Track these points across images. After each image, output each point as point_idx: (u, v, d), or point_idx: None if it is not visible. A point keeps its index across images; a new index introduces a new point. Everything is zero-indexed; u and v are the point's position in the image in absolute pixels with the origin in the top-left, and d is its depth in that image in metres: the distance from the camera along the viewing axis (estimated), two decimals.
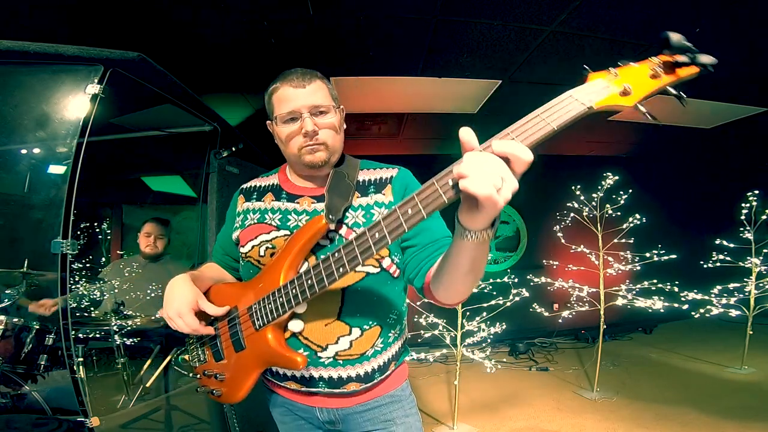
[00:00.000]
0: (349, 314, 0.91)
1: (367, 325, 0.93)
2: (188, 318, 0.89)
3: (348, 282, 0.90)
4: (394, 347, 0.99)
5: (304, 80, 0.90)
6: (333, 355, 0.90)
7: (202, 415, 2.22)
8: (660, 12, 2.03)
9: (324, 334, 0.90)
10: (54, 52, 1.47)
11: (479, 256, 0.70)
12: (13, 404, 1.62)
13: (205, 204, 2.16)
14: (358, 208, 0.93)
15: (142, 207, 4.01)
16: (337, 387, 0.92)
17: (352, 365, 0.91)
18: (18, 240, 2.25)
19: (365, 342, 0.92)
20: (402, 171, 1.00)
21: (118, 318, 2.18)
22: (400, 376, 1.02)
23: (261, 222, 0.99)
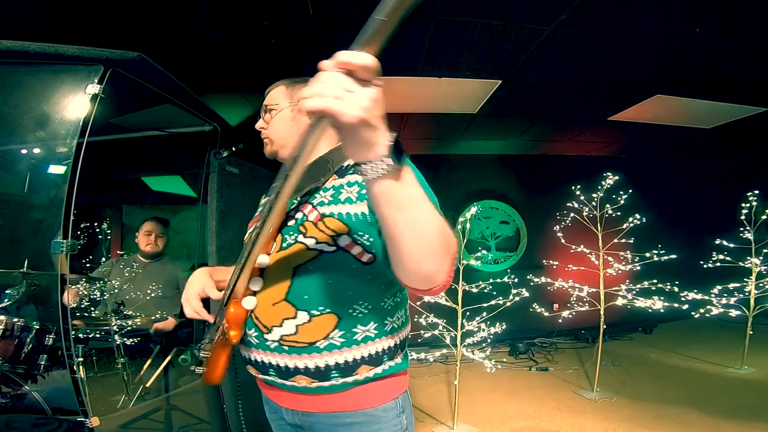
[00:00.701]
0: (295, 295, 0.83)
1: (317, 311, 0.82)
2: (193, 302, 0.94)
3: (301, 260, 0.84)
4: (366, 348, 0.84)
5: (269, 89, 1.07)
6: (278, 339, 0.84)
7: (202, 415, 2.22)
8: (660, 12, 2.03)
9: (270, 314, 0.85)
10: (54, 52, 1.47)
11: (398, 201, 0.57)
12: (13, 404, 1.62)
13: (205, 204, 2.16)
14: (330, 188, 0.87)
15: (142, 207, 4.01)
16: (286, 378, 0.85)
17: (298, 354, 0.83)
18: (18, 240, 2.25)
19: (314, 330, 0.82)
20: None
21: (118, 318, 2.18)
22: (380, 392, 0.87)
23: (257, 214, 1.07)
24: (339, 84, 0.50)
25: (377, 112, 0.51)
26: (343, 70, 0.50)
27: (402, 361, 0.91)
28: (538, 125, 3.84)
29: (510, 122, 3.77)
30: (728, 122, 3.72)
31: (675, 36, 2.26)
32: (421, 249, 0.61)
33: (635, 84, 2.91)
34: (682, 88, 2.97)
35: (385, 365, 0.87)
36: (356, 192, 0.82)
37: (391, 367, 0.88)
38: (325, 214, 0.83)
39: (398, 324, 0.90)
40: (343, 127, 0.51)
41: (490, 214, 4.90)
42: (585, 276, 3.68)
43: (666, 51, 2.43)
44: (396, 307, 0.90)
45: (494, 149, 4.73)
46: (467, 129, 3.91)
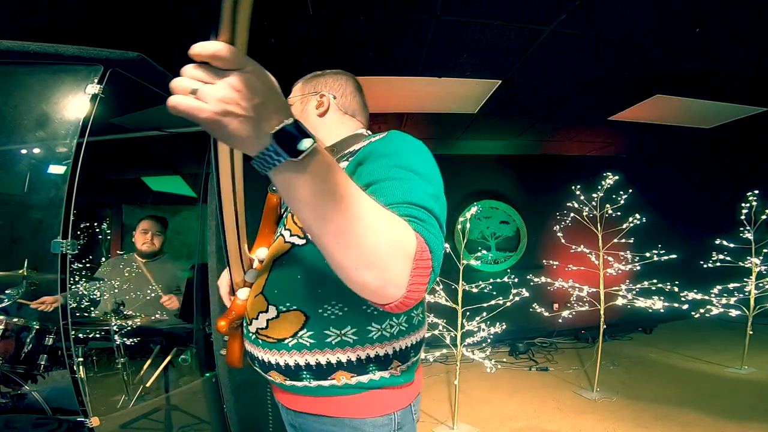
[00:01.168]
0: (269, 288, 0.81)
1: (284, 306, 0.78)
2: (222, 289, 0.96)
3: (278, 253, 0.83)
4: (343, 354, 0.76)
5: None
6: (255, 332, 0.83)
7: (202, 415, 2.22)
8: (660, 12, 2.03)
9: (252, 306, 0.84)
10: (54, 52, 1.47)
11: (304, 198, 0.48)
12: (13, 404, 1.62)
13: (204, 204, 2.16)
14: None
15: (142, 207, 4.01)
16: (265, 372, 0.85)
17: (270, 349, 0.80)
18: (18, 240, 2.25)
19: (282, 326, 0.78)
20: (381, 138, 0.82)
21: (118, 318, 2.18)
22: (371, 403, 0.79)
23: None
24: (193, 78, 0.44)
25: (246, 101, 0.44)
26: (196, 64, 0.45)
27: (401, 374, 0.81)
28: (538, 125, 3.84)
29: (510, 122, 3.77)
30: (728, 122, 3.71)
31: (675, 36, 2.26)
32: (349, 257, 0.51)
33: (635, 84, 2.91)
34: (682, 88, 2.97)
35: (373, 375, 0.78)
36: None
37: (383, 378, 0.79)
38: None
39: (391, 333, 0.80)
40: (205, 124, 0.44)
41: (490, 214, 4.90)
42: (585, 276, 3.68)
43: (666, 51, 2.42)
44: (386, 314, 0.78)
45: (494, 149, 4.73)
46: (467, 129, 3.91)
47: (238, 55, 0.45)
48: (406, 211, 0.60)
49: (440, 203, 0.68)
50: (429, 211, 0.62)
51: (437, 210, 0.64)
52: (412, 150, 0.78)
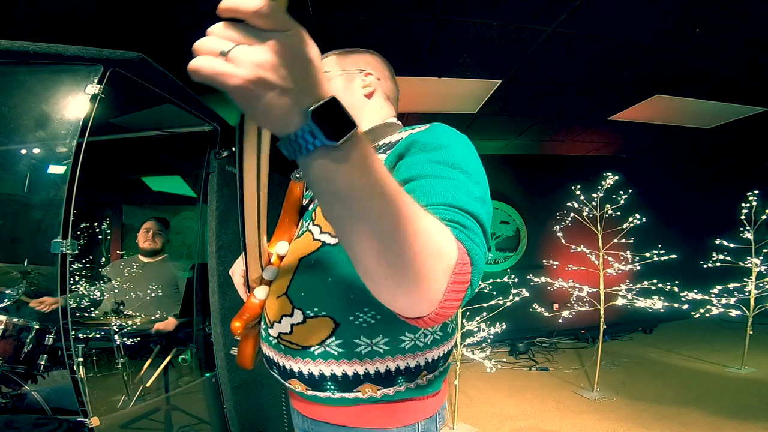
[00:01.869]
0: (294, 291, 0.73)
1: (311, 312, 0.71)
2: (236, 278, 0.88)
3: (306, 251, 0.74)
4: (372, 365, 0.69)
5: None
6: (276, 336, 0.75)
7: (202, 415, 2.22)
8: (660, 12, 2.03)
9: (274, 308, 0.76)
10: (54, 52, 1.47)
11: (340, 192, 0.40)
12: (13, 404, 1.62)
13: (205, 204, 2.16)
14: None
15: (142, 207, 4.01)
16: (285, 379, 0.77)
17: (293, 357, 0.73)
18: (18, 240, 2.25)
19: (308, 333, 0.71)
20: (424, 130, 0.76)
21: (118, 318, 2.18)
22: (396, 414, 0.73)
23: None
24: (224, 38, 0.38)
25: (287, 69, 0.36)
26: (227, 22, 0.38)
27: (429, 384, 0.74)
28: (538, 125, 3.84)
29: (510, 122, 3.77)
30: (728, 122, 3.72)
31: (675, 36, 2.27)
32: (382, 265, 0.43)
33: (635, 84, 2.91)
34: (682, 88, 2.97)
35: (400, 387, 0.71)
36: None
37: (409, 389, 0.72)
38: None
39: (425, 342, 0.72)
40: (235, 93, 0.37)
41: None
42: (585, 276, 3.68)
43: (666, 51, 2.43)
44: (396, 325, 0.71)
45: (494, 149, 4.73)
46: (467, 129, 3.91)
47: (282, 13, 0.36)
48: (449, 215, 0.53)
49: (487, 208, 0.60)
50: (474, 216, 0.55)
51: (483, 216, 0.56)
52: (459, 145, 0.70)
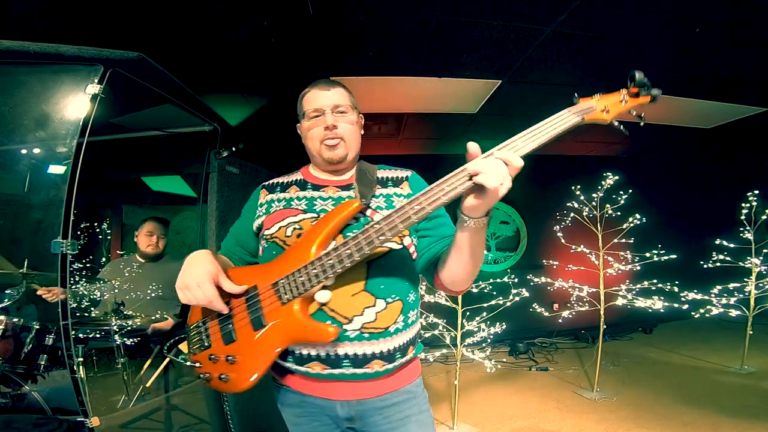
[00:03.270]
0: (374, 285, 0.94)
1: (390, 298, 0.96)
2: (207, 288, 0.91)
3: (373, 255, 0.95)
4: (412, 330, 1.01)
5: (329, 86, 1.08)
6: (359, 328, 0.92)
7: (202, 415, 2.22)
8: (660, 12, 2.03)
9: (350, 305, 0.92)
10: (54, 52, 1.47)
11: (478, 242, 0.87)
12: (13, 404, 1.62)
13: (205, 204, 2.16)
14: (380, 196, 1.04)
15: (142, 207, 4.01)
16: (362, 365, 0.92)
17: (376, 339, 0.93)
18: (18, 240, 2.25)
19: (388, 316, 0.95)
20: (414, 173, 1.14)
21: (118, 318, 2.18)
22: (414, 370, 1.04)
23: (287, 207, 1.06)
24: (503, 172, 0.77)
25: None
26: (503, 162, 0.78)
27: (420, 343, 1.08)
28: None
29: (510, 122, 3.77)
30: (728, 122, 3.72)
31: (675, 36, 2.27)
32: (473, 272, 0.94)
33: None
34: (682, 88, 2.97)
35: (415, 346, 1.04)
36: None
37: (417, 347, 1.05)
38: None
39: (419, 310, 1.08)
40: (490, 198, 0.78)
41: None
42: (585, 276, 3.68)
43: (666, 51, 2.43)
44: (419, 295, 1.08)
45: None
46: (467, 129, 3.91)
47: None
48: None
49: None
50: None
51: None
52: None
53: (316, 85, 1.10)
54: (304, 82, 1.11)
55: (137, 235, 2.64)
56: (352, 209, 0.94)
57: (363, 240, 0.84)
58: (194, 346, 0.99)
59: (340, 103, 1.06)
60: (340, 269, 0.85)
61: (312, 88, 1.10)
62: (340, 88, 1.10)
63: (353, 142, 1.08)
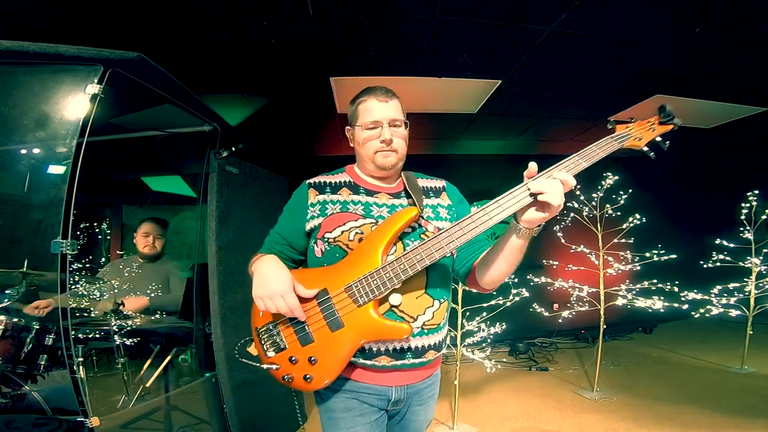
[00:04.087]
0: (432, 288, 1.06)
1: (443, 298, 1.09)
2: (291, 298, 0.96)
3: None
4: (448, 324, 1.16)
5: (387, 97, 1.13)
6: (421, 325, 1.04)
7: (202, 415, 2.22)
8: (660, 12, 2.03)
9: (416, 306, 1.03)
10: (54, 52, 1.47)
11: (523, 250, 1.00)
12: (13, 404, 1.62)
13: (204, 204, 2.16)
14: (427, 206, 1.14)
15: (142, 207, 4.01)
16: (420, 356, 1.05)
17: (432, 334, 1.06)
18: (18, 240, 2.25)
19: (440, 313, 1.08)
20: (449, 183, 1.26)
21: (118, 318, 2.18)
22: (438, 359, 1.17)
23: (345, 211, 1.10)
24: (561, 191, 0.92)
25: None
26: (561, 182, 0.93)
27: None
28: (538, 125, 3.84)
29: (510, 122, 3.77)
30: (728, 122, 3.71)
31: (675, 36, 2.26)
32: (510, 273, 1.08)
33: (635, 84, 2.91)
34: (682, 88, 2.97)
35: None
36: (446, 213, 1.17)
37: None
38: (441, 229, 1.04)
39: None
40: (552, 212, 0.92)
41: None
42: (585, 276, 3.68)
43: (666, 51, 2.43)
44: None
45: (494, 149, 4.73)
46: (467, 129, 3.91)
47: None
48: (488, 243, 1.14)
49: None
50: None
51: None
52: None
53: (374, 93, 1.13)
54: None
55: (135, 236, 2.64)
56: (411, 217, 1.03)
57: (425, 251, 0.95)
58: (269, 349, 1.03)
59: (397, 118, 1.11)
60: (408, 275, 0.95)
61: (370, 96, 1.13)
62: (397, 101, 1.14)
63: (403, 154, 1.15)
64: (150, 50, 1.61)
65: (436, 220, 1.13)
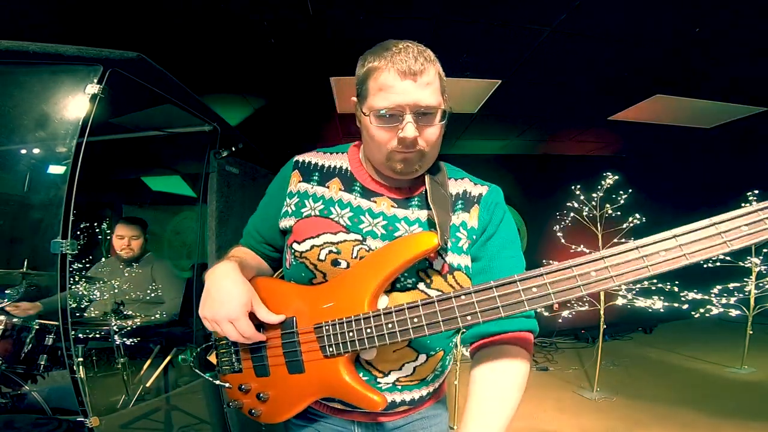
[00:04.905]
0: (419, 340, 0.78)
1: (434, 351, 0.81)
2: (242, 324, 0.73)
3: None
4: (448, 368, 0.91)
5: (416, 65, 0.69)
6: (393, 381, 0.79)
7: (202, 415, 2.21)
8: (660, 12, 2.03)
9: (390, 360, 0.78)
10: (54, 52, 1.47)
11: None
12: (13, 404, 1.62)
13: (204, 204, 2.16)
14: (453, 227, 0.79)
15: (142, 207, 4.01)
16: (387, 410, 0.80)
17: (409, 390, 0.81)
18: (18, 240, 2.25)
19: (428, 368, 0.82)
20: (493, 189, 0.85)
21: (118, 318, 2.18)
22: (441, 390, 0.92)
23: (325, 216, 0.80)
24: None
25: None
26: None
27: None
28: (538, 125, 3.84)
29: (510, 122, 3.77)
30: (728, 122, 3.71)
31: (675, 36, 2.26)
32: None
33: (635, 84, 2.91)
34: (682, 88, 2.97)
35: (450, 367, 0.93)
36: (466, 242, 0.79)
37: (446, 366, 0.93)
38: (453, 267, 0.77)
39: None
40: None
41: None
42: None
43: (666, 51, 2.42)
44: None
45: (494, 149, 4.73)
46: (467, 129, 3.91)
47: None
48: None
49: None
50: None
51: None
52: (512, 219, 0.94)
53: (395, 59, 0.69)
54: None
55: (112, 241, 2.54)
56: (425, 251, 0.69)
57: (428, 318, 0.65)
58: (224, 365, 0.86)
59: (429, 104, 0.70)
60: (399, 339, 0.67)
61: (388, 62, 0.70)
62: (432, 69, 0.72)
63: (434, 156, 0.78)
64: (150, 50, 1.61)
65: (454, 254, 0.77)
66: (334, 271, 0.78)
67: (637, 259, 0.58)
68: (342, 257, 0.77)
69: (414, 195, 0.82)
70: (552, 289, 0.58)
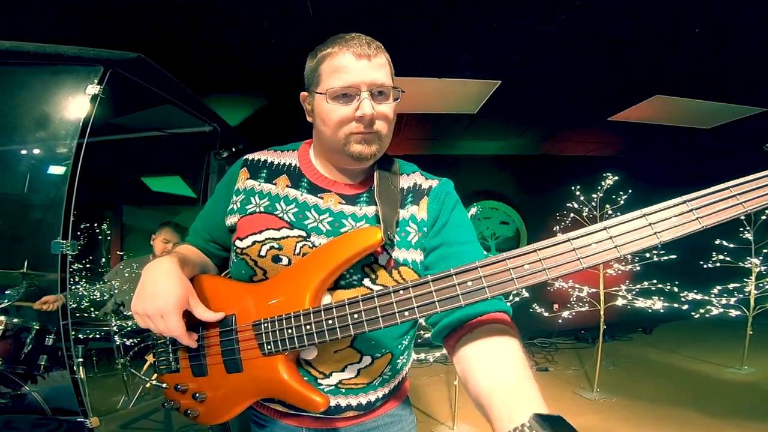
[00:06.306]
0: (363, 341, 0.76)
1: (380, 353, 0.78)
2: (173, 320, 0.70)
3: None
4: (401, 373, 0.86)
5: (370, 50, 0.72)
6: (335, 384, 0.77)
7: None
8: (660, 12, 2.03)
9: (331, 361, 0.76)
10: (54, 53, 1.47)
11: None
12: (13, 404, 1.62)
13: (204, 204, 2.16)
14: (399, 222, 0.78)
15: (142, 207, 4.01)
16: (332, 414, 0.78)
17: (354, 394, 0.78)
18: (18, 240, 2.25)
19: (374, 371, 0.79)
20: (444, 181, 0.84)
21: (118, 318, 2.18)
22: (401, 394, 0.89)
23: (269, 212, 0.79)
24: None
25: None
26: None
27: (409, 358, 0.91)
28: (538, 125, 3.84)
29: (510, 122, 3.77)
30: (728, 122, 3.71)
31: (675, 36, 2.26)
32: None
33: (635, 84, 2.91)
34: (682, 88, 2.97)
35: (405, 371, 0.88)
36: (416, 236, 0.77)
37: (406, 373, 0.89)
38: (399, 262, 0.75)
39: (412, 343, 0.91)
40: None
41: (490, 214, 4.90)
42: (585, 276, 3.68)
43: (666, 51, 2.42)
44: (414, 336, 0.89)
45: (494, 149, 4.73)
46: (467, 129, 3.91)
47: None
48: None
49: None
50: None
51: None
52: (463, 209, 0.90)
53: (349, 44, 0.72)
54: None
55: (154, 239, 2.61)
56: (368, 246, 0.68)
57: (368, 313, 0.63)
58: (161, 364, 0.83)
59: (384, 82, 0.73)
60: (339, 336, 0.65)
61: (342, 47, 0.72)
62: (383, 55, 0.75)
63: (389, 138, 0.78)
64: (150, 50, 1.61)
65: (402, 249, 0.76)
66: (275, 267, 0.76)
67: (569, 251, 0.55)
68: (284, 253, 0.76)
69: (363, 191, 0.81)
70: (486, 283, 0.56)
